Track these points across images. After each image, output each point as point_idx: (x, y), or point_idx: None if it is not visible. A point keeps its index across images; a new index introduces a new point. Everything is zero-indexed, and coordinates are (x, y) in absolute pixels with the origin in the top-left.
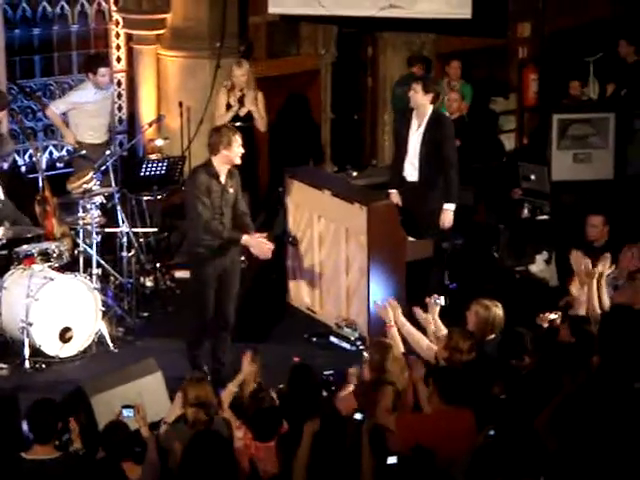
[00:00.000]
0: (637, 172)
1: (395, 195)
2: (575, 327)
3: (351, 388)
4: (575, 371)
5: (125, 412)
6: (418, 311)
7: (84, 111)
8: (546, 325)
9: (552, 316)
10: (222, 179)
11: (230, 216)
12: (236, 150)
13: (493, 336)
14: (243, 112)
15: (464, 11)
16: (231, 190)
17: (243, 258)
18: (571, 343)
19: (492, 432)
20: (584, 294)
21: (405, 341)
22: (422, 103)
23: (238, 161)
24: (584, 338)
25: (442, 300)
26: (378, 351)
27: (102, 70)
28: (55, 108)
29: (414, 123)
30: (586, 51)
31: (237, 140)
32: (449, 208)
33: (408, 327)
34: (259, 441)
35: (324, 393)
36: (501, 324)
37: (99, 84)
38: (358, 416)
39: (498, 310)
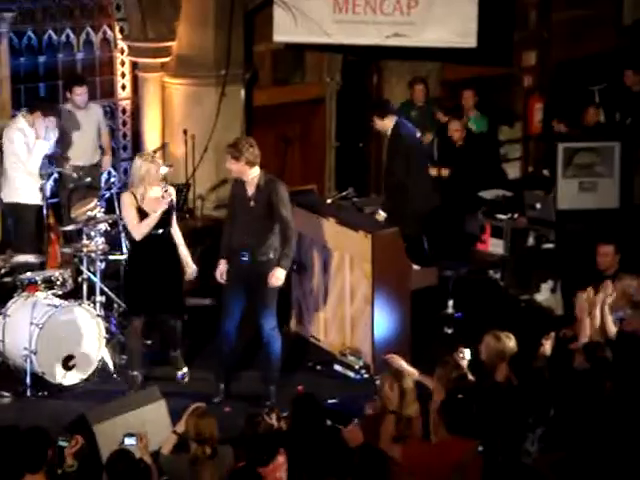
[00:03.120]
0: None
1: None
2: (590, 353)
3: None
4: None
5: (127, 440)
6: None
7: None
8: (548, 346)
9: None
10: (249, 190)
11: (253, 227)
12: None
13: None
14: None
15: (469, 40)
16: (255, 201)
17: None
18: (586, 369)
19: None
20: (588, 325)
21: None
22: (384, 128)
23: None
24: (599, 364)
25: (468, 353)
26: (390, 380)
27: (77, 89)
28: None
29: (385, 142)
30: (591, 80)
31: None
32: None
33: (418, 376)
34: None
35: (328, 422)
36: (512, 356)
37: (77, 103)
38: None
39: (510, 342)
